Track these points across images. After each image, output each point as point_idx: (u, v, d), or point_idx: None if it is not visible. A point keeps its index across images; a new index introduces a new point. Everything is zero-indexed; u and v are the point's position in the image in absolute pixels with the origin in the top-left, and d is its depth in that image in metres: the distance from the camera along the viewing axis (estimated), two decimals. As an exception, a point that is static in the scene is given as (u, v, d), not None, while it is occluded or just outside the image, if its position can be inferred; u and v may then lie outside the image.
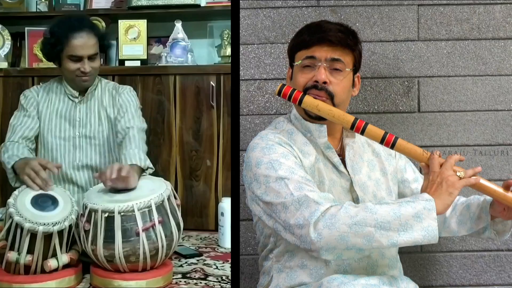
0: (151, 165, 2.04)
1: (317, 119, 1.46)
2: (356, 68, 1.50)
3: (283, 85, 1.45)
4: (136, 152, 2.01)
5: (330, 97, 1.43)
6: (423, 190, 1.35)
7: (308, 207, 1.29)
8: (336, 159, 1.48)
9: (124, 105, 2.17)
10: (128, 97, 2.20)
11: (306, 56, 1.45)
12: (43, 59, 2.96)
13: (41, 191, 1.84)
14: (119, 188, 1.86)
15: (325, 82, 1.42)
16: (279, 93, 1.44)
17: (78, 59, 2.07)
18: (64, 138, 2.13)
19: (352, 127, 1.41)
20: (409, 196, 1.57)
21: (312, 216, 1.27)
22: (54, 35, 2.09)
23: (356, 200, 1.47)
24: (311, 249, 1.29)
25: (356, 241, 1.26)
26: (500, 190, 1.38)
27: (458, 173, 1.33)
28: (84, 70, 2.08)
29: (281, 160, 1.38)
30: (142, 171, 2.00)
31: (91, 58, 2.10)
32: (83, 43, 2.07)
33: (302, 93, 1.43)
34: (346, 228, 1.25)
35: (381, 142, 1.40)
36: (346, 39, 1.44)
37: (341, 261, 1.40)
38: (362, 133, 1.41)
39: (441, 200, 1.29)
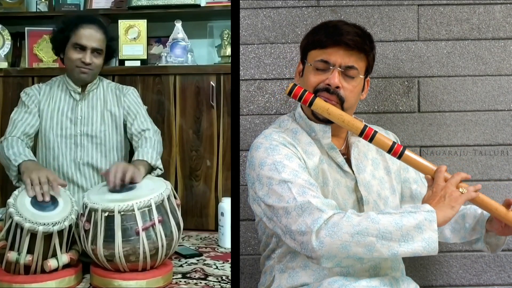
0: (161, 166, 2.07)
1: (325, 121, 1.45)
2: (367, 73, 1.49)
3: (295, 85, 1.43)
4: (150, 151, 2.05)
5: (341, 102, 1.43)
6: (425, 200, 1.35)
7: (310, 214, 1.28)
8: (340, 159, 1.48)
9: (132, 107, 2.21)
10: (135, 98, 2.25)
11: (320, 59, 1.43)
12: (43, 59, 2.98)
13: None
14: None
15: (337, 87, 1.42)
16: (289, 93, 1.43)
17: (82, 48, 2.11)
18: (65, 136, 2.14)
19: (361, 134, 1.40)
20: (408, 197, 1.59)
21: (315, 224, 1.27)
22: (65, 23, 2.15)
23: (360, 199, 1.46)
24: (311, 256, 1.28)
25: (357, 250, 1.25)
26: (501, 208, 1.38)
27: (460, 189, 1.33)
28: (85, 61, 2.11)
29: (285, 162, 1.37)
30: (151, 169, 2.02)
31: (94, 52, 2.13)
32: (90, 34, 2.12)
33: (313, 95, 1.42)
34: (348, 237, 1.25)
35: (389, 151, 1.40)
36: (363, 44, 1.43)
37: None
38: (370, 141, 1.40)
39: (443, 213, 1.29)
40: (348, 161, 1.50)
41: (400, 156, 1.39)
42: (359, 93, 1.48)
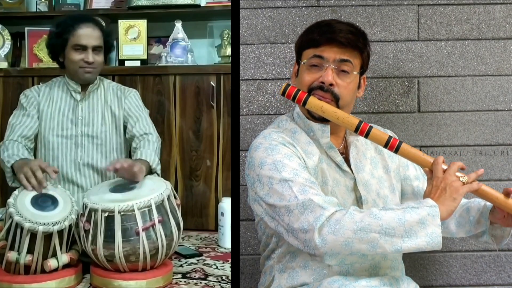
0: (159, 172, 2.07)
1: (321, 120, 1.45)
2: (363, 70, 1.49)
3: (288, 85, 1.43)
4: (152, 154, 2.06)
5: (335, 100, 1.42)
6: (427, 195, 1.34)
7: (313, 212, 1.28)
8: (339, 159, 1.48)
9: (134, 109, 2.21)
10: (136, 101, 2.24)
11: (314, 54, 1.43)
12: (43, 59, 2.98)
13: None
14: (125, 178, 1.90)
15: (331, 84, 1.41)
16: (283, 93, 1.43)
17: (83, 48, 2.12)
18: (66, 136, 2.14)
19: (356, 130, 1.40)
20: (410, 194, 1.59)
21: (317, 221, 1.27)
22: (61, 26, 2.15)
23: (359, 199, 1.46)
24: (315, 254, 1.28)
25: (361, 247, 1.25)
26: (501, 196, 1.38)
27: (461, 179, 1.33)
28: (87, 60, 2.12)
29: (285, 161, 1.37)
30: (149, 172, 2.02)
31: (95, 50, 2.14)
32: (89, 33, 2.13)
33: (307, 94, 1.42)
34: (351, 233, 1.25)
35: (385, 146, 1.40)
36: (356, 41, 1.43)
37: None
38: (366, 136, 1.40)
39: (445, 206, 1.29)
40: (347, 160, 1.50)
41: (396, 150, 1.39)
42: (354, 91, 1.47)
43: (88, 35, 2.12)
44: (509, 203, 1.37)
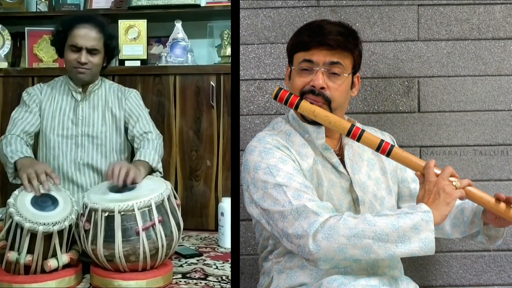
0: (161, 170, 2.08)
1: (314, 123, 1.45)
2: (355, 70, 1.49)
3: (280, 89, 1.44)
4: (152, 153, 2.06)
5: (327, 102, 1.42)
6: (419, 200, 1.34)
7: (307, 218, 1.28)
8: (335, 160, 1.48)
9: (134, 110, 2.21)
10: (136, 101, 2.24)
11: (304, 59, 1.43)
12: (43, 59, 2.98)
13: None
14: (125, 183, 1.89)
15: (322, 88, 1.41)
16: (275, 97, 1.44)
17: (78, 49, 2.11)
18: (66, 136, 2.14)
19: (348, 134, 1.40)
20: (407, 196, 1.59)
21: (311, 227, 1.27)
22: (61, 25, 2.16)
23: (356, 200, 1.46)
24: (309, 259, 1.29)
25: (354, 252, 1.26)
26: (492, 200, 1.38)
27: (454, 183, 1.33)
28: (80, 60, 2.10)
29: (279, 165, 1.37)
30: (151, 171, 2.03)
31: (91, 51, 2.12)
32: (85, 33, 2.11)
33: (299, 98, 1.42)
34: (345, 240, 1.25)
35: (377, 149, 1.40)
36: (346, 42, 1.42)
37: None
38: (358, 140, 1.40)
39: (439, 211, 1.29)
40: (343, 161, 1.50)
41: (388, 154, 1.39)
42: (347, 91, 1.47)
43: (84, 35, 2.11)
44: (498, 206, 1.38)
